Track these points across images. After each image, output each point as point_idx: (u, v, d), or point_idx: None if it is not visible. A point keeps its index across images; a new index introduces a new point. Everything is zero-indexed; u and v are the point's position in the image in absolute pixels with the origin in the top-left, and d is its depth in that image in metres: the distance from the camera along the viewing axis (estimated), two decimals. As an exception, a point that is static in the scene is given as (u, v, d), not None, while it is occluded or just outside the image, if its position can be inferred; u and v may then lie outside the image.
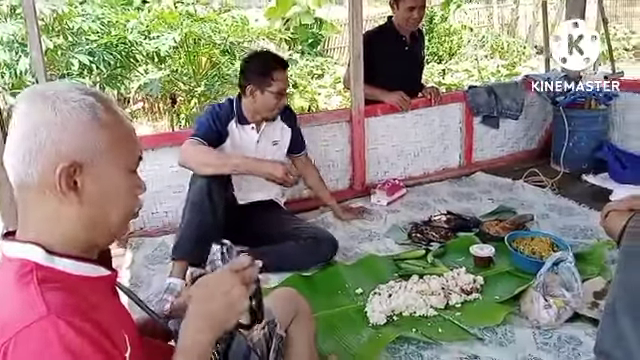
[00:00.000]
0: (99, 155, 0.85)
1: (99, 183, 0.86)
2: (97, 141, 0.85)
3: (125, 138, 0.90)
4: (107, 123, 0.86)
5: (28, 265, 0.80)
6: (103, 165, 0.86)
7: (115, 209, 0.89)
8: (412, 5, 3.17)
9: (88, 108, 0.85)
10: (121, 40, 4.78)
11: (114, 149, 0.87)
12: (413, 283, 2.14)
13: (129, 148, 0.90)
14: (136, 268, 2.48)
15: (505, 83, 3.78)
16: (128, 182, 0.90)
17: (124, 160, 0.89)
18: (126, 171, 0.90)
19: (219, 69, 4.92)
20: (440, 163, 3.64)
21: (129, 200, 0.91)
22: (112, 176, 0.87)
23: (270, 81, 2.38)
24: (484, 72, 8.19)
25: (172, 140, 2.95)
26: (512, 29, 12.39)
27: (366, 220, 2.91)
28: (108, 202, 0.88)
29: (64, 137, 0.82)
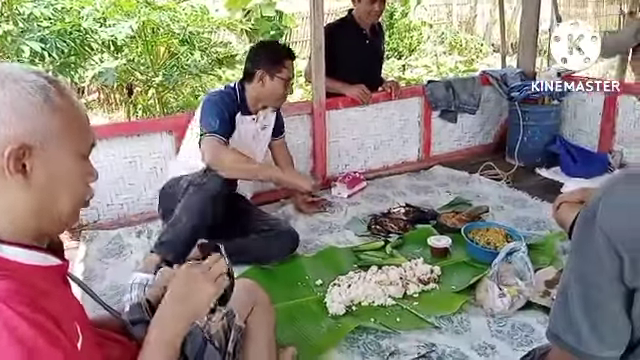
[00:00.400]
0: (50, 139, 0.82)
1: (49, 167, 0.83)
2: (48, 124, 0.82)
3: (77, 123, 0.87)
4: (59, 106, 0.84)
5: None
6: (53, 149, 0.83)
7: (65, 195, 0.86)
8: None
9: (40, 90, 0.82)
10: (75, 27, 4.59)
11: (66, 133, 0.84)
12: (372, 274, 2.16)
13: (81, 133, 0.88)
14: (90, 261, 2.41)
15: (463, 78, 3.86)
16: (79, 168, 0.88)
17: (76, 145, 0.87)
18: (77, 157, 0.87)
19: (178, 59, 4.82)
20: (399, 156, 3.68)
21: (80, 187, 0.89)
22: (62, 161, 0.84)
23: (281, 67, 2.43)
24: (443, 68, 8.33)
25: (128, 130, 2.88)
26: (470, 27, 12.63)
27: (327, 212, 2.92)
28: (58, 188, 0.85)
29: (13, 118, 0.79)
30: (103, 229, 2.71)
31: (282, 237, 2.37)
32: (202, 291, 1.04)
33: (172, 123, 3.03)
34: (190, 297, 1.02)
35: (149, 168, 2.90)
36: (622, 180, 0.87)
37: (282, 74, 2.44)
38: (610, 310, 0.84)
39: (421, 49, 10.13)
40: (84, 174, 0.89)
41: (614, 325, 0.85)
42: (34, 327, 0.71)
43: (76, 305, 0.91)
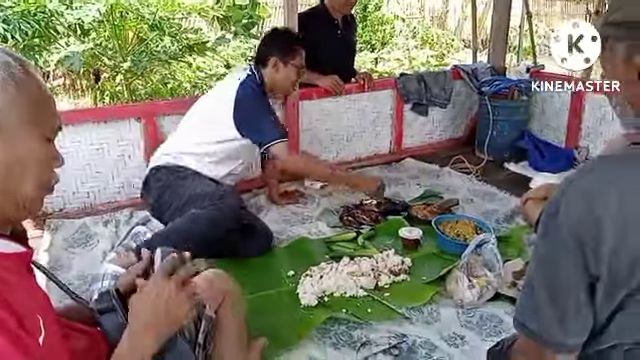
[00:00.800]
0: (13, 118, 0.79)
1: (11, 148, 0.79)
2: (11, 102, 0.79)
3: (43, 103, 0.84)
4: (24, 85, 0.80)
5: None
6: (16, 129, 0.80)
7: (28, 178, 0.82)
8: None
9: (4, 66, 0.79)
10: (40, 9, 4.43)
11: (30, 114, 0.81)
12: (344, 265, 2.16)
13: (46, 115, 0.84)
14: (55, 251, 2.34)
15: (435, 72, 3.88)
16: (44, 151, 0.84)
17: (40, 126, 0.83)
18: (42, 139, 0.83)
19: (147, 45, 4.70)
20: (372, 148, 3.69)
21: (43, 171, 0.85)
22: (26, 142, 0.81)
23: (294, 54, 2.51)
24: (415, 62, 8.38)
25: (95, 116, 2.81)
26: (442, 22, 12.75)
27: (299, 204, 2.91)
28: (20, 170, 0.81)
29: None
30: (69, 218, 2.63)
31: (257, 237, 2.35)
32: (179, 308, 0.99)
33: (141, 110, 2.96)
34: (166, 313, 0.97)
35: (117, 156, 2.83)
36: (583, 172, 0.89)
37: (295, 61, 2.51)
38: (574, 299, 0.86)
39: (393, 42, 10.17)
40: (49, 158, 0.86)
41: (578, 313, 0.87)
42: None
43: (40, 296, 0.88)
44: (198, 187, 2.29)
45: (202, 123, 2.50)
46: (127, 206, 2.80)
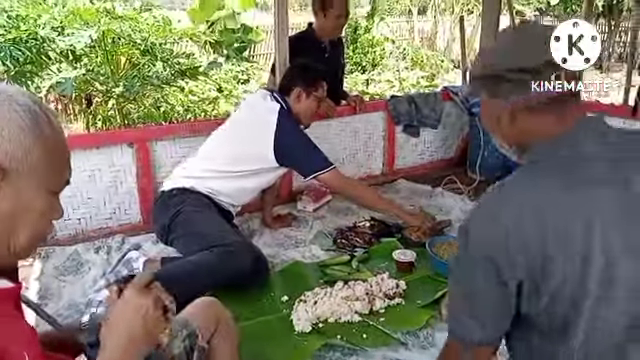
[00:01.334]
0: (27, 167, 0.79)
1: (18, 196, 0.79)
2: (29, 152, 0.79)
3: (58, 157, 0.84)
4: (45, 137, 0.80)
5: None
6: (27, 179, 0.80)
7: (25, 229, 0.82)
8: (340, 13, 3.23)
9: (30, 116, 0.79)
10: (32, 36, 4.45)
11: (44, 166, 0.81)
12: (338, 289, 2.15)
13: (59, 169, 0.85)
14: (45, 279, 2.31)
15: (425, 94, 3.92)
16: (46, 205, 0.83)
17: (50, 181, 0.83)
18: (48, 193, 0.83)
19: (139, 70, 4.72)
20: (364, 170, 3.70)
21: (42, 224, 0.84)
22: (33, 193, 0.81)
23: (318, 87, 2.59)
24: (405, 83, 8.47)
25: (87, 142, 2.80)
26: (431, 43, 12.93)
27: (292, 227, 2.90)
28: (20, 219, 0.81)
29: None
30: (60, 245, 2.60)
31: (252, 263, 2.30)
32: (156, 324, 0.94)
33: (132, 135, 2.96)
34: (144, 327, 0.93)
35: (108, 182, 2.82)
36: (490, 193, 1.02)
37: (318, 92, 2.59)
38: (488, 301, 0.98)
39: (384, 64, 10.29)
40: (50, 210, 0.85)
41: (494, 313, 1.00)
42: None
43: (27, 333, 0.86)
44: (214, 226, 2.31)
45: (237, 152, 2.52)
46: (119, 232, 2.78)
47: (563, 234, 0.89)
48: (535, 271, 0.92)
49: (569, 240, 0.89)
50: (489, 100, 1.05)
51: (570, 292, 0.91)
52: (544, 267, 0.91)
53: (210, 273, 2.08)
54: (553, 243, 0.90)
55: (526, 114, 1.00)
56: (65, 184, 0.87)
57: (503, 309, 0.99)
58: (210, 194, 2.49)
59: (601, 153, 0.94)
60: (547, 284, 0.92)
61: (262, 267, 2.25)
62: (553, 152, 0.97)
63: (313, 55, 3.29)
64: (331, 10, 3.21)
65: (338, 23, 3.27)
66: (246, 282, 2.18)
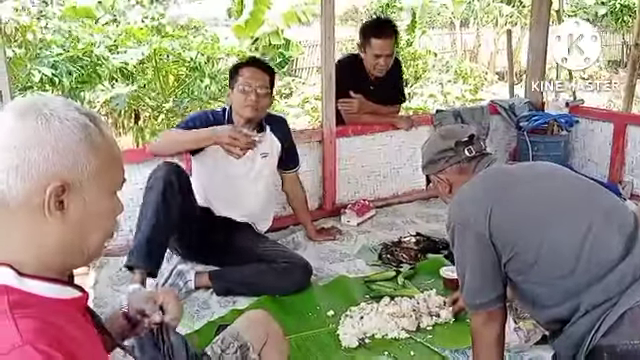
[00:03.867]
0: (87, 177, 0.83)
1: (84, 205, 0.84)
2: (87, 163, 0.83)
3: (113, 161, 0.88)
4: (98, 146, 0.85)
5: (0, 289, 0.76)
6: (89, 187, 0.84)
7: (95, 232, 0.87)
8: (378, 53, 3.15)
9: (81, 128, 0.83)
10: (87, 54, 4.68)
11: (102, 172, 0.85)
12: (384, 305, 2.13)
13: (116, 171, 0.89)
14: (100, 288, 2.39)
15: (471, 108, 3.87)
16: (111, 205, 0.89)
17: (109, 183, 0.88)
18: (110, 194, 0.89)
19: (188, 86, 4.87)
20: (409, 184, 3.67)
21: (109, 223, 0.90)
22: (97, 199, 0.85)
23: (237, 77, 2.41)
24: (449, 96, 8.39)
25: (138, 157, 2.88)
26: (475, 55, 12.78)
27: (337, 241, 2.90)
28: (90, 224, 0.86)
29: (55, 156, 0.79)
30: (113, 255, 2.68)
31: (295, 270, 2.34)
32: None
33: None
34: None
35: (159, 194, 2.89)
36: (457, 196, 1.59)
37: (239, 82, 2.40)
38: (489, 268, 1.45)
39: (426, 77, 10.22)
40: (115, 209, 0.91)
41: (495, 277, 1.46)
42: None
43: (97, 341, 0.90)
44: (266, 246, 2.44)
45: None
46: (168, 244, 2.84)
47: None
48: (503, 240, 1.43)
49: None
50: (435, 178, 1.72)
51: None
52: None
53: (269, 287, 2.25)
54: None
55: (458, 177, 1.64)
56: (122, 183, 0.92)
57: (493, 261, 1.44)
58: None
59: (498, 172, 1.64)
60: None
61: (309, 278, 2.36)
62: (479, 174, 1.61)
63: (358, 84, 3.26)
64: (368, 49, 3.17)
65: (377, 62, 3.17)
66: (292, 293, 2.28)
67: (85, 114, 0.85)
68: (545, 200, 1.46)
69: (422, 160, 1.78)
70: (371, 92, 3.32)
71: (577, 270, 1.32)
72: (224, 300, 2.28)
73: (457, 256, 1.55)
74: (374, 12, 11.74)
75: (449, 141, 1.64)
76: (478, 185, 1.55)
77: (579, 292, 1.32)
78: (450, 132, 1.71)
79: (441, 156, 1.65)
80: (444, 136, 1.70)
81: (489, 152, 1.73)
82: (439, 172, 1.67)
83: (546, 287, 1.39)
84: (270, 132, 2.58)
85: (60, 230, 0.82)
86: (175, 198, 2.22)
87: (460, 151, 1.62)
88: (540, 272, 1.38)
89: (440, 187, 1.71)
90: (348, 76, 3.22)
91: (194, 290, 2.32)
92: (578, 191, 1.49)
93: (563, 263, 1.34)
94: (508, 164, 1.78)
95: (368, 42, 3.15)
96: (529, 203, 1.46)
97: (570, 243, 1.35)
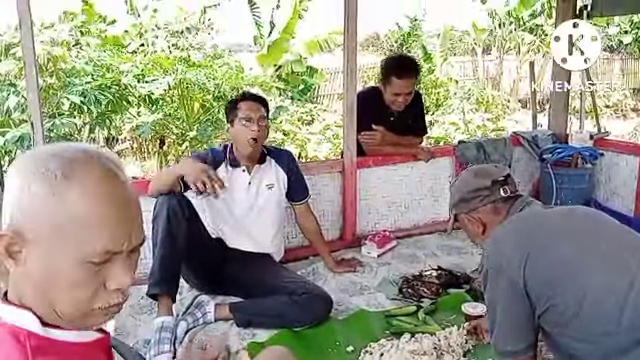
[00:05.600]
0: (46, 234, 0.73)
1: (42, 263, 0.74)
2: (50, 219, 0.73)
3: (83, 224, 0.74)
4: (70, 203, 0.73)
5: (21, 333, 0.75)
6: (46, 247, 0.74)
7: (63, 298, 0.76)
8: (398, 92, 3.17)
9: (44, 175, 0.73)
10: (115, 82, 4.82)
11: (65, 232, 0.73)
12: (405, 342, 2.11)
13: (90, 235, 0.74)
14: (121, 318, 2.40)
15: (493, 139, 3.85)
16: (81, 276, 0.75)
17: (77, 249, 0.74)
18: (78, 262, 0.74)
19: (212, 114, 4.96)
20: (430, 216, 3.65)
21: (81, 293, 0.76)
22: (58, 262, 0.74)
23: (236, 111, 2.45)
24: (470, 125, 8.37)
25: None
26: (497, 83, 12.76)
27: (357, 273, 2.89)
28: (52, 286, 0.75)
29: (16, 207, 0.74)
30: (135, 285, 2.70)
31: (316, 302, 2.33)
32: None
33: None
34: None
35: (182, 224, 2.93)
36: (491, 239, 1.54)
37: (239, 116, 2.43)
38: (521, 316, 1.41)
39: (448, 104, 10.23)
40: (91, 280, 0.76)
41: (527, 326, 1.42)
42: None
43: None
44: (285, 276, 2.47)
45: None
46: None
47: None
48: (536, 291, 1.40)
49: None
50: (466, 217, 1.66)
51: None
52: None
53: (290, 319, 2.26)
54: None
55: (492, 217, 1.60)
56: (110, 253, 0.76)
57: (527, 313, 1.40)
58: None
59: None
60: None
61: (330, 311, 2.37)
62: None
63: (377, 117, 3.27)
64: (389, 87, 3.20)
65: (396, 99, 3.19)
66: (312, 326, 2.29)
67: (74, 165, 0.74)
68: (585, 251, 1.39)
69: (451, 199, 1.70)
70: (392, 124, 3.33)
71: (622, 327, 1.25)
72: (244, 332, 2.28)
73: (488, 300, 1.50)
74: (395, 40, 11.83)
75: (484, 180, 1.60)
76: (513, 229, 1.50)
77: (626, 351, 1.25)
78: (485, 171, 1.66)
79: (475, 195, 1.60)
80: (478, 174, 1.65)
81: (522, 194, 1.68)
82: (471, 211, 1.62)
83: (586, 343, 1.32)
84: (275, 164, 2.64)
85: (26, 281, 0.76)
86: (180, 224, 2.27)
87: (496, 190, 1.58)
88: (580, 327, 1.31)
89: (471, 227, 1.65)
90: (369, 108, 3.24)
91: (213, 322, 2.33)
92: (619, 241, 1.42)
93: (606, 319, 1.27)
94: (544, 208, 1.63)
95: (389, 80, 3.18)
96: (568, 254, 1.39)
97: (614, 298, 1.28)
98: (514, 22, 12.40)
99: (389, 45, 13.14)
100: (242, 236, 2.55)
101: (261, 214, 2.59)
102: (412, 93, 3.24)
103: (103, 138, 6.68)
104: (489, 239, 1.54)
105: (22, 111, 4.68)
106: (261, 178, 2.58)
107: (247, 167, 2.53)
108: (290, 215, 2.92)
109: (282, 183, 2.66)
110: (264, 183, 2.58)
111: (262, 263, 2.55)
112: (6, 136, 4.32)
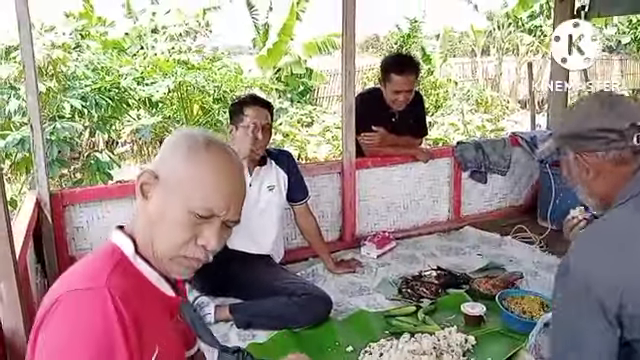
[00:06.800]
0: (174, 181, 0.93)
1: (160, 202, 0.93)
2: (178, 168, 0.93)
3: (205, 184, 0.93)
4: (198, 160, 0.93)
5: (117, 252, 0.93)
6: (171, 190, 0.93)
7: (162, 236, 0.93)
8: (398, 89, 3.18)
9: (190, 143, 0.95)
10: (114, 85, 4.83)
11: (187, 185, 0.92)
12: (404, 342, 2.11)
13: (201, 193, 0.92)
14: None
15: (493, 139, 3.86)
16: (184, 221, 0.92)
17: (188, 199, 0.92)
18: (184, 210, 0.92)
19: (211, 116, 4.98)
20: (429, 216, 3.66)
21: (178, 237, 0.93)
22: (170, 203, 0.92)
23: (242, 116, 2.45)
24: (470, 126, 8.38)
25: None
26: (496, 84, 12.78)
27: (356, 274, 2.89)
28: (159, 224, 0.93)
29: (163, 153, 0.97)
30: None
31: (316, 303, 2.34)
32: None
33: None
34: None
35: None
36: (589, 235, 1.19)
37: (244, 122, 2.44)
38: (592, 345, 1.04)
39: (447, 105, 10.24)
40: (190, 228, 0.93)
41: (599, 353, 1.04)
42: (119, 322, 0.82)
43: (171, 335, 1.00)
44: (285, 278, 2.47)
45: None
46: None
47: None
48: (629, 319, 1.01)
49: None
50: (575, 157, 1.24)
51: None
52: None
53: (289, 320, 2.27)
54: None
55: (611, 167, 1.18)
56: (210, 214, 0.93)
57: (611, 350, 1.03)
58: None
59: None
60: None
61: (329, 311, 2.38)
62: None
63: (378, 118, 3.29)
64: (389, 85, 3.20)
65: (396, 98, 3.19)
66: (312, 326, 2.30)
67: (210, 140, 0.97)
68: None
69: (560, 128, 1.31)
70: (393, 124, 3.34)
71: None
72: (243, 334, 2.29)
73: (557, 316, 1.17)
74: (395, 42, 11.86)
75: (621, 120, 1.17)
76: (617, 235, 1.10)
77: None
78: (624, 107, 1.21)
79: (601, 135, 1.18)
80: (613, 108, 1.20)
81: None
82: (585, 152, 1.21)
83: None
84: (275, 165, 2.65)
85: (143, 215, 0.94)
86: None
87: (629, 137, 1.16)
88: None
89: (577, 170, 1.24)
90: (369, 110, 3.25)
91: (213, 323, 2.34)
92: None
93: None
94: None
95: (389, 78, 3.19)
96: None
97: None
98: (513, 23, 12.43)
99: (388, 47, 13.16)
100: (243, 238, 2.54)
101: (262, 215, 2.59)
102: (412, 92, 3.25)
103: (104, 141, 6.70)
104: (584, 240, 1.18)
105: (23, 114, 4.70)
106: (262, 180, 2.59)
107: (248, 169, 2.54)
108: (290, 216, 2.93)
109: (282, 184, 2.68)
110: (265, 185, 2.60)
111: (262, 264, 2.56)
112: (7, 139, 4.34)
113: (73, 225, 2.63)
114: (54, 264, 2.52)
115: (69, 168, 5.12)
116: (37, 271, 2.37)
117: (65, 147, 4.45)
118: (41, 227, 2.48)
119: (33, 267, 2.27)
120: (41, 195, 2.49)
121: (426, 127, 3.74)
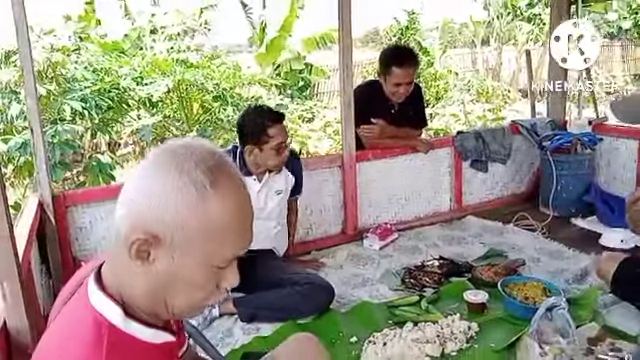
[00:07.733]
0: (181, 239, 0.78)
1: (170, 264, 0.79)
2: (184, 225, 0.77)
3: (222, 234, 0.79)
4: (207, 213, 0.78)
5: (103, 325, 0.78)
6: (181, 249, 0.78)
7: (180, 295, 0.82)
8: (399, 82, 3.18)
9: (196, 191, 0.77)
10: (114, 86, 4.84)
11: (201, 240, 0.78)
12: (408, 331, 2.13)
13: (220, 245, 0.80)
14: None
15: (493, 128, 3.86)
16: (203, 277, 0.81)
17: (206, 254, 0.79)
18: (204, 265, 0.80)
19: (212, 114, 4.99)
20: (431, 207, 3.66)
21: (199, 292, 0.83)
22: (186, 264, 0.79)
23: (266, 138, 2.43)
24: (470, 116, 8.36)
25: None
26: (496, 73, 12.73)
27: (360, 265, 2.91)
28: (174, 285, 0.81)
29: (156, 210, 0.77)
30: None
31: (319, 292, 2.35)
32: None
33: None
34: None
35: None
36: None
37: (270, 144, 2.44)
38: None
39: (448, 96, 10.22)
40: (208, 283, 0.82)
41: None
42: None
43: None
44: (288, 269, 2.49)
45: None
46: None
47: None
48: None
49: None
50: None
51: None
52: None
53: (293, 310, 2.29)
54: None
55: None
56: (234, 258, 0.82)
57: None
58: None
59: None
60: None
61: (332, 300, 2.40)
62: None
63: (378, 110, 3.29)
64: (389, 77, 3.20)
65: (397, 90, 3.20)
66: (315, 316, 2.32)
67: (212, 176, 0.78)
68: None
69: None
70: (392, 116, 3.35)
71: None
72: (248, 327, 2.30)
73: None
74: (394, 35, 11.82)
75: None
76: None
77: None
78: None
79: None
80: None
81: None
82: None
83: None
84: (284, 169, 2.66)
85: (145, 278, 0.80)
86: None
87: None
88: None
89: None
90: (368, 102, 3.26)
91: (218, 317, 2.35)
92: None
93: None
94: None
95: (389, 70, 3.19)
96: None
97: None
98: (512, 12, 12.37)
99: (388, 40, 13.14)
100: None
101: (269, 217, 2.63)
102: (412, 83, 3.25)
103: (105, 143, 6.73)
104: None
105: (24, 118, 4.72)
106: (271, 186, 2.61)
107: (258, 176, 2.57)
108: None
109: (289, 185, 2.72)
110: (273, 190, 2.63)
111: (266, 258, 2.57)
112: (9, 143, 4.36)
113: (76, 226, 2.65)
114: (58, 265, 2.54)
115: (72, 171, 5.15)
116: (42, 272, 2.39)
117: (67, 149, 4.47)
118: (44, 228, 2.50)
119: (37, 268, 2.29)
120: (43, 197, 2.50)
121: (426, 118, 3.74)
